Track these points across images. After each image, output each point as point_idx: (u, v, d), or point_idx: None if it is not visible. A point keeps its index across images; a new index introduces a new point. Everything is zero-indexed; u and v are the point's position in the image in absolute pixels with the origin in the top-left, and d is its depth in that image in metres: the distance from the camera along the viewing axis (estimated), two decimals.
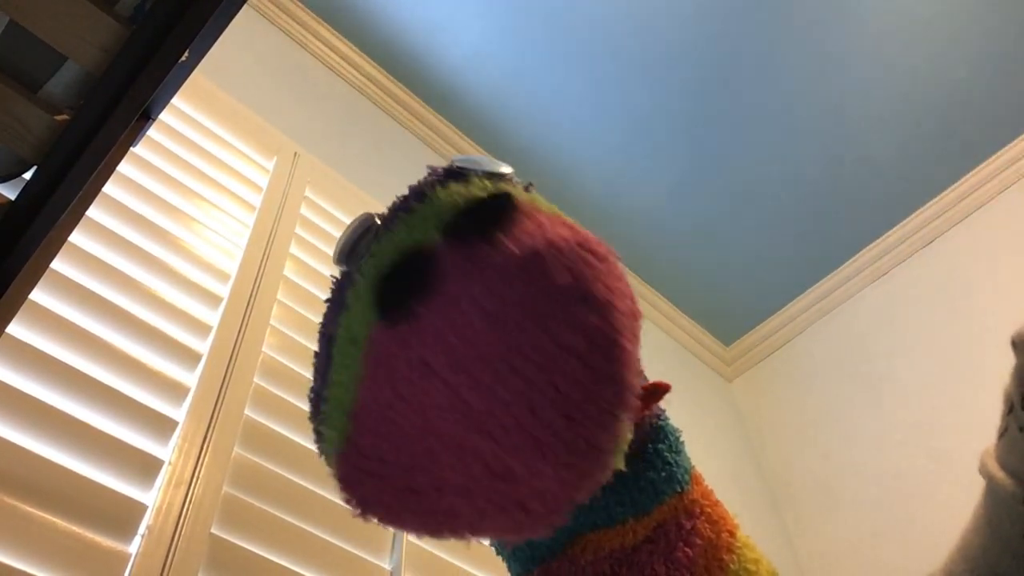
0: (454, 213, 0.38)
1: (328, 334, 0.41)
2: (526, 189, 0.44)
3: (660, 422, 0.48)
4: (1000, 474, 0.35)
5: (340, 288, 0.43)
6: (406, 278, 0.36)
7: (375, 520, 0.36)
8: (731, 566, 0.45)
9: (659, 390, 0.45)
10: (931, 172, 2.01)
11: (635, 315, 0.37)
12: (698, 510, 0.47)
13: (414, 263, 0.36)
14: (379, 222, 0.43)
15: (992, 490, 0.36)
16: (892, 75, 1.84)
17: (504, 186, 0.41)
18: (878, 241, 2.12)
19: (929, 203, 2.05)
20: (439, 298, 0.34)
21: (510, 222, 0.36)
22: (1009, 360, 0.38)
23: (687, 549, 0.45)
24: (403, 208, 0.42)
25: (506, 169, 0.43)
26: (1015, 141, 1.95)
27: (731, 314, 2.30)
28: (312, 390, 0.42)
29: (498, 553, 0.49)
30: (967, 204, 2.00)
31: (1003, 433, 0.36)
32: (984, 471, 0.36)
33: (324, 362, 0.41)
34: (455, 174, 0.42)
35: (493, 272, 0.34)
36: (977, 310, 1.84)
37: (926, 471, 1.73)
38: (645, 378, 0.48)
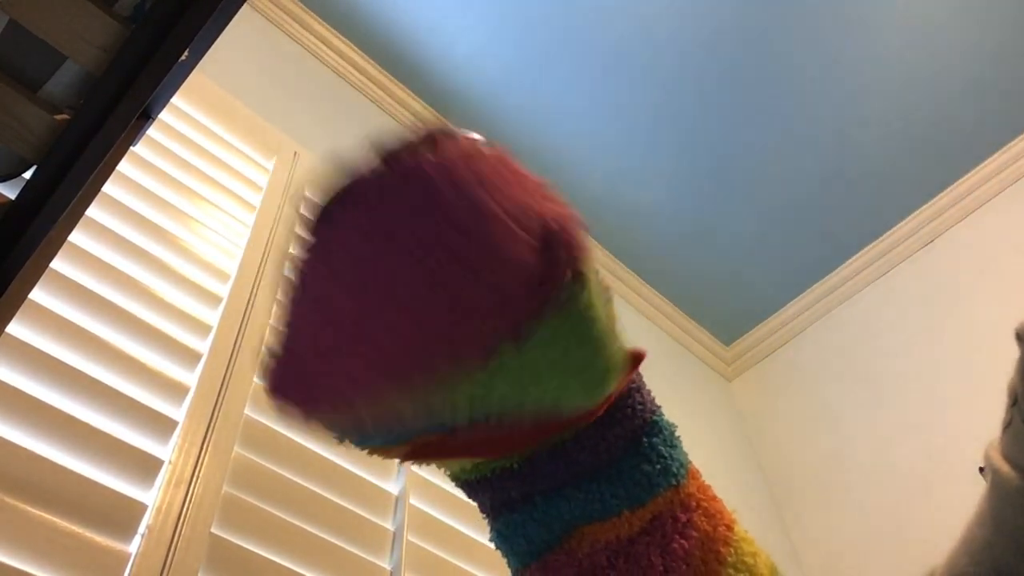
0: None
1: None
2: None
3: (655, 417, 0.49)
4: (1004, 467, 0.35)
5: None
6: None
7: (297, 413, 0.41)
8: (728, 559, 0.46)
9: (636, 358, 0.45)
10: (930, 173, 2.01)
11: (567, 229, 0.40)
12: (694, 504, 0.47)
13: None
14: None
15: (996, 483, 0.36)
16: (891, 75, 1.84)
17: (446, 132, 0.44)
18: (878, 241, 2.12)
19: (928, 203, 2.05)
20: (349, 204, 0.39)
21: (423, 150, 0.39)
22: (1012, 356, 0.38)
23: (683, 541, 0.45)
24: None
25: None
26: (1014, 141, 1.95)
27: (731, 314, 2.30)
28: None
29: (497, 547, 0.50)
30: (966, 204, 2.00)
31: (1007, 426, 0.36)
32: (988, 464, 0.36)
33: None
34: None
35: (383, 183, 0.38)
36: (976, 310, 1.84)
37: (925, 470, 1.73)
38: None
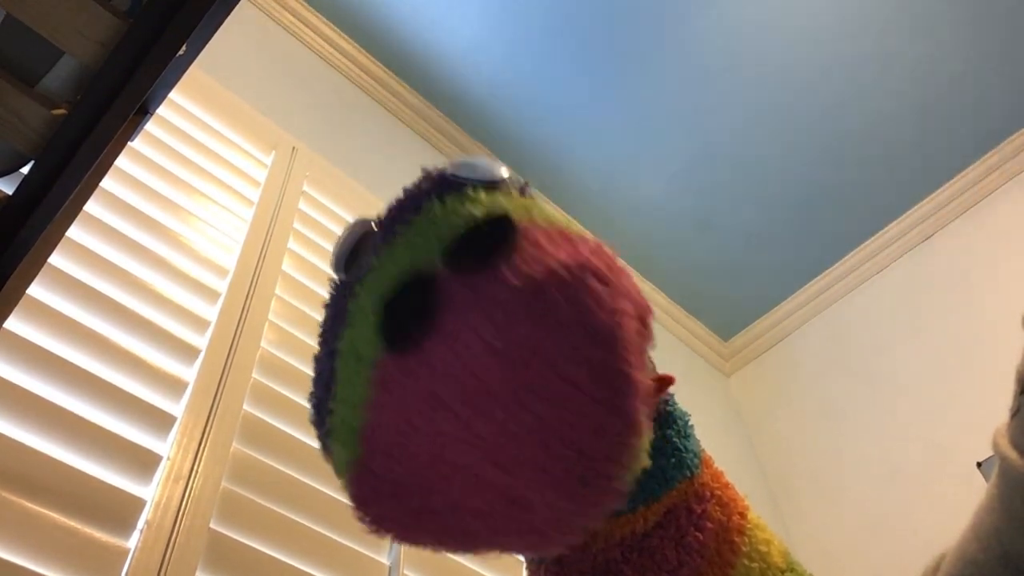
0: (453, 238, 0.38)
1: (331, 346, 0.42)
2: (522, 191, 0.44)
3: (668, 407, 0.48)
4: (1012, 454, 0.35)
5: (340, 298, 0.43)
6: (409, 305, 0.37)
7: (392, 538, 0.37)
8: (743, 548, 0.46)
9: (663, 383, 0.45)
10: (928, 168, 2.01)
11: (640, 322, 0.37)
12: (708, 493, 0.47)
13: (417, 288, 0.37)
14: (376, 228, 0.43)
15: (1004, 470, 0.36)
16: (890, 70, 1.83)
17: (500, 200, 0.41)
18: (876, 236, 2.12)
19: (927, 198, 2.05)
20: (443, 330, 0.35)
21: (510, 248, 0.36)
22: (1010, 351, 0.38)
23: (698, 533, 0.45)
24: (400, 220, 0.42)
25: (502, 174, 0.43)
26: (1014, 136, 1.95)
27: (729, 309, 2.31)
28: (314, 396, 0.42)
29: None
30: (965, 199, 2.00)
31: (1015, 413, 0.36)
32: (996, 451, 0.36)
33: (327, 374, 0.41)
34: (449, 184, 0.42)
35: (495, 306, 0.34)
36: (975, 305, 1.84)
37: (923, 465, 1.74)
38: (654, 367, 0.48)
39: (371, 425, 0.37)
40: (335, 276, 0.44)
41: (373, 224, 0.43)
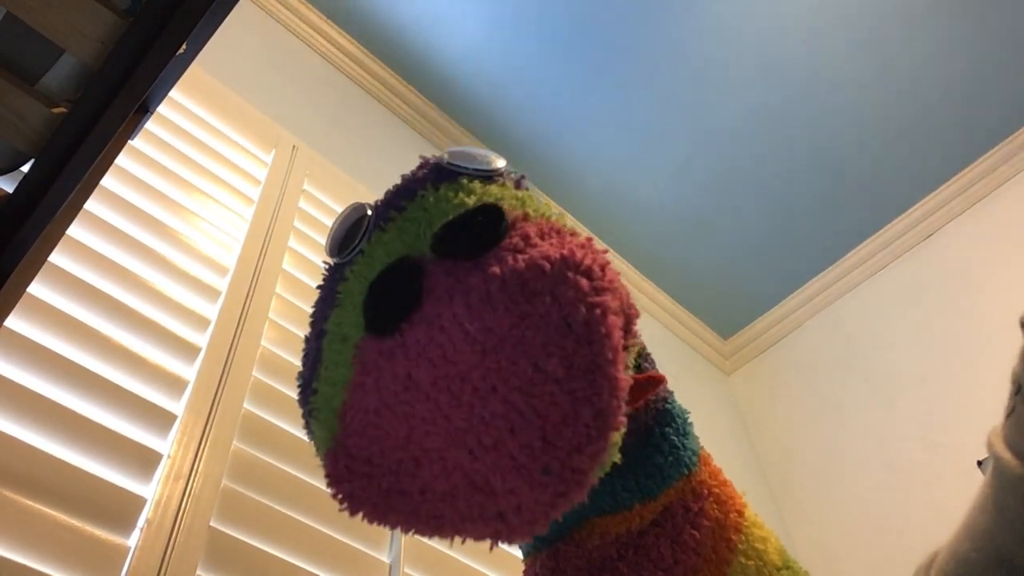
0: (443, 225, 0.38)
1: (319, 327, 0.42)
2: (518, 184, 0.44)
3: (667, 405, 0.48)
4: (1007, 455, 0.35)
5: (331, 280, 0.44)
6: (394, 289, 0.37)
7: (362, 517, 0.37)
8: (739, 545, 0.46)
9: (652, 382, 0.45)
10: (930, 166, 2.01)
11: (625, 323, 0.37)
12: (706, 491, 0.47)
13: (402, 273, 0.37)
14: (370, 213, 0.43)
15: (999, 471, 0.36)
16: (890, 69, 1.83)
17: (494, 191, 0.41)
18: (877, 235, 2.12)
19: (927, 197, 2.05)
20: (424, 316, 0.35)
21: (498, 239, 0.36)
22: (1009, 350, 0.38)
23: (694, 532, 0.45)
24: (395, 206, 0.42)
25: (498, 164, 0.43)
26: (1014, 135, 1.94)
27: (729, 308, 2.31)
28: (301, 376, 0.43)
29: None
30: (966, 198, 2.00)
31: (1010, 413, 0.36)
32: (991, 451, 0.36)
33: (314, 353, 0.42)
34: (446, 173, 0.42)
35: (476, 294, 0.35)
36: (975, 304, 1.84)
37: (923, 463, 1.74)
38: (652, 363, 0.48)
39: (349, 405, 0.38)
40: (329, 259, 0.45)
41: (368, 209, 0.44)
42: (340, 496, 0.37)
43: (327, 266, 0.45)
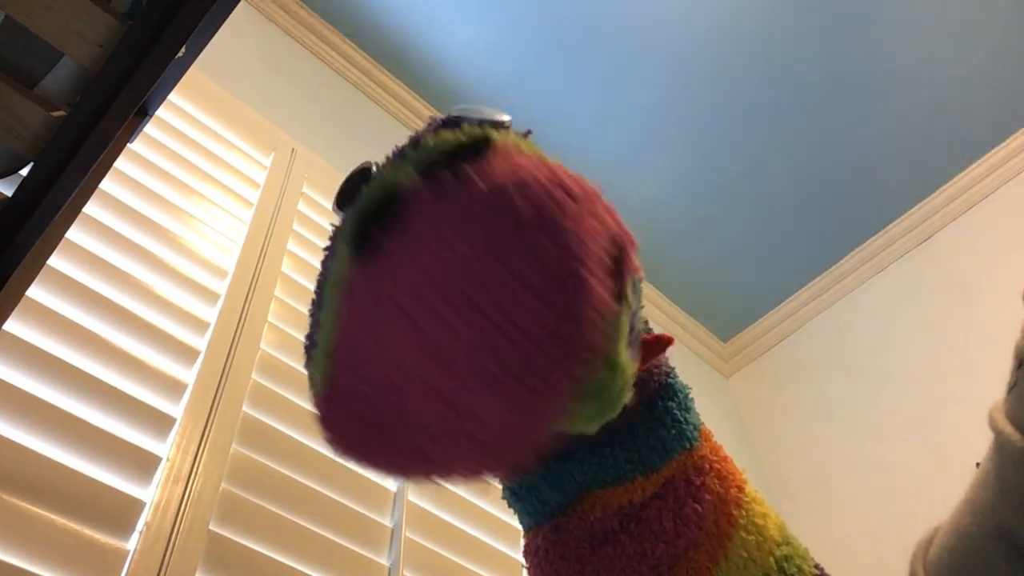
0: (432, 156, 0.38)
1: (321, 280, 0.42)
2: (524, 137, 0.44)
3: (670, 380, 0.48)
4: (1008, 428, 0.35)
5: (334, 235, 0.44)
6: (378, 212, 0.37)
7: (351, 459, 0.37)
8: (740, 520, 0.46)
9: (661, 342, 0.44)
10: (929, 168, 2.01)
11: (616, 249, 0.36)
12: (707, 466, 0.47)
13: (391, 203, 0.37)
14: (375, 168, 0.43)
15: (1000, 445, 0.36)
16: (889, 71, 1.84)
17: (490, 130, 0.41)
18: (876, 237, 2.12)
19: (927, 199, 2.05)
20: (406, 233, 0.35)
21: (483, 159, 0.36)
22: (1008, 349, 0.38)
23: (696, 505, 0.45)
24: (397, 154, 0.43)
25: (503, 117, 0.44)
26: (1013, 137, 1.95)
27: (729, 310, 2.31)
28: (308, 338, 0.43)
29: (510, 505, 0.49)
30: (965, 200, 2.01)
31: (1012, 387, 0.36)
32: (993, 426, 0.36)
33: (316, 307, 0.42)
34: (450, 122, 0.43)
35: (457, 207, 0.34)
36: (974, 305, 1.84)
37: (923, 465, 1.74)
38: (650, 330, 0.48)
39: (339, 340, 0.37)
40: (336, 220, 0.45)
41: (374, 165, 0.44)
42: (331, 438, 0.37)
43: (333, 227, 0.45)
